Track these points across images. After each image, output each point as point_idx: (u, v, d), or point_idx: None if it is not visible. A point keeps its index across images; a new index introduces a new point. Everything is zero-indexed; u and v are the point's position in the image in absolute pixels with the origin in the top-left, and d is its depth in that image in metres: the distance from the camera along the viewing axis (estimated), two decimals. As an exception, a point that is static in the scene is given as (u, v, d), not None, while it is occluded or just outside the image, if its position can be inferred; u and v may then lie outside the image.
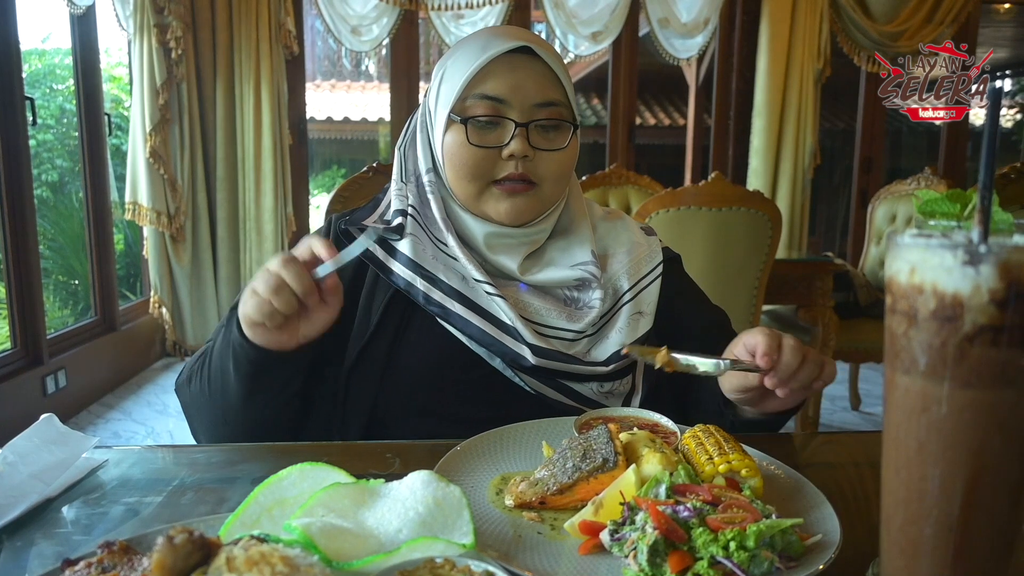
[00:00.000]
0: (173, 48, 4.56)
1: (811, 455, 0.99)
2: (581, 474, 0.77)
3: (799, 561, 0.65)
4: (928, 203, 0.71)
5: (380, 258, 1.13)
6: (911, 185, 3.99)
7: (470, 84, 1.08)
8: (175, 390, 1.13)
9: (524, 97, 1.08)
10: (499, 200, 1.11)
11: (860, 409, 4.18)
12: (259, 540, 0.57)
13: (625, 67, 5.27)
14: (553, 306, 1.13)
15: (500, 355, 1.08)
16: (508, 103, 1.08)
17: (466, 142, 1.09)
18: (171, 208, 4.74)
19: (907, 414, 0.51)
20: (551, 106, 1.10)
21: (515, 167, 1.09)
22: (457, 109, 1.09)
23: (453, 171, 1.12)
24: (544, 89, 1.10)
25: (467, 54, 1.10)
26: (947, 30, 5.09)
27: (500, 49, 1.08)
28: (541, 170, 1.11)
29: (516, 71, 1.09)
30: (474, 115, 1.09)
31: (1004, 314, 0.47)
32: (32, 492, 0.79)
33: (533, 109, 1.09)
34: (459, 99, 1.09)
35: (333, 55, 9.57)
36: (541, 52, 1.10)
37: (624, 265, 1.19)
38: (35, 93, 4.36)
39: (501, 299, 1.09)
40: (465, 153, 1.09)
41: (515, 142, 1.08)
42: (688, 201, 2.83)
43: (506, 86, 1.08)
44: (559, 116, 1.11)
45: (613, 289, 1.17)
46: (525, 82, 1.09)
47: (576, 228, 1.20)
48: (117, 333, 4.54)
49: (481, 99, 1.08)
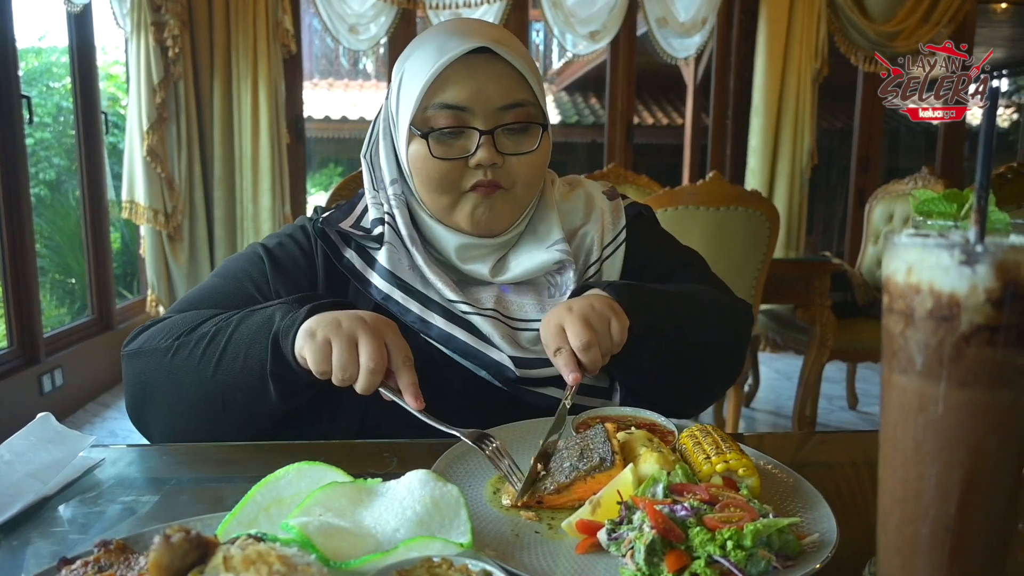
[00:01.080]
0: (170, 46, 4.55)
1: (808, 454, 0.99)
2: (578, 473, 0.77)
3: (796, 560, 0.65)
4: (925, 203, 0.71)
5: (359, 268, 1.11)
6: (908, 185, 3.99)
7: (428, 92, 1.03)
8: (125, 356, 1.04)
9: (487, 101, 1.03)
10: (472, 209, 1.07)
11: (857, 408, 4.19)
12: (256, 539, 0.57)
13: (623, 66, 5.27)
14: (531, 298, 1.12)
15: (485, 367, 1.06)
16: (470, 110, 1.03)
17: (430, 156, 1.04)
18: (168, 207, 4.73)
19: (904, 413, 0.51)
20: (517, 107, 1.04)
21: (484, 175, 1.05)
22: (418, 121, 1.05)
23: (421, 184, 1.08)
24: (508, 90, 1.04)
25: (423, 57, 1.04)
26: (944, 30, 5.10)
27: (456, 52, 1.01)
28: (512, 175, 1.07)
29: (476, 75, 1.02)
30: (436, 127, 1.04)
31: (1000, 314, 0.47)
32: (29, 491, 0.79)
33: (497, 113, 1.04)
34: (419, 109, 1.04)
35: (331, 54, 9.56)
36: (501, 51, 1.03)
37: (593, 236, 1.17)
38: (32, 91, 4.35)
39: (478, 317, 1.07)
40: (431, 166, 1.05)
41: (481, 151, 1.03)
42: (686, 201, 2.83)
43: (466, 92, 1.02)
44: (527, 117, 1.06)
45: (584, 262, 1.16)
46: (487, 85, 1.02)
47: (545, 220, 1.16)
48: (114, 332, 4.53)
49: (441, 109, 1.03)
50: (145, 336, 1.04)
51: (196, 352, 0.97)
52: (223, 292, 1.11)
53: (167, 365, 0.99)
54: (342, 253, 1.13)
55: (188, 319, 1.03)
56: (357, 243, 1.14)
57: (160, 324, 1.05)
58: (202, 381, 0.97)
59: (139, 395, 1.02)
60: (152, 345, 1.01)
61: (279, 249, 1.16)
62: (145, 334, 1.05)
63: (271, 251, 1.15)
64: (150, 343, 1.02)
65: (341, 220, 1.15)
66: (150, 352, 1.01)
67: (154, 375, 1.00)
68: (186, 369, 0.98)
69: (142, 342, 1.03)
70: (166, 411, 1.01)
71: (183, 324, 1.02)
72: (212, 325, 1.00)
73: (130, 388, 1.04)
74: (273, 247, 1.16)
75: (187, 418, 1.00)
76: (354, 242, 1.14)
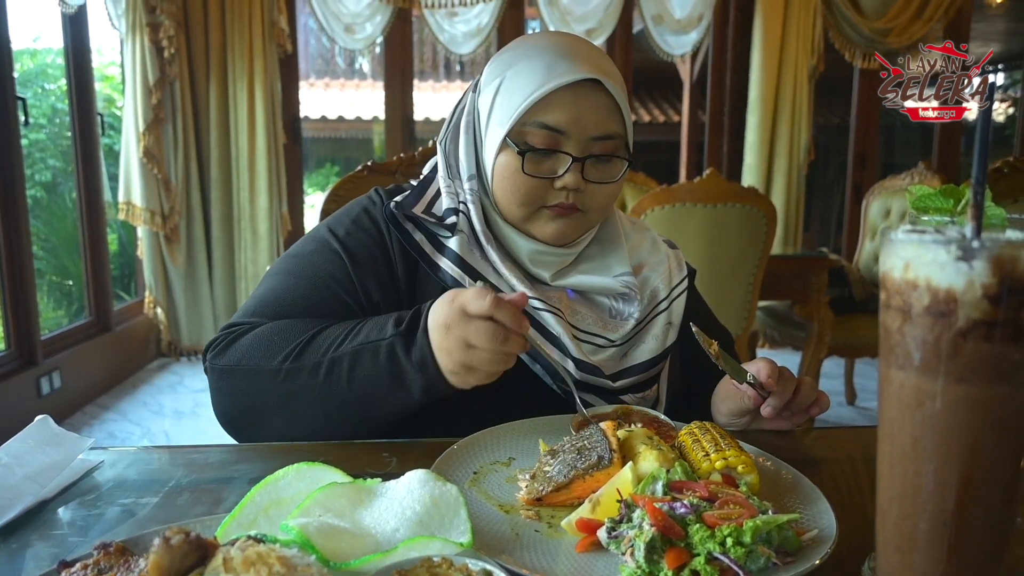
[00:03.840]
0: (166, 47, 4.54)
1: (807, 450, 0.99)
2: (577, 472, 0.77)
3: (796, 556, 0.65)
4: (921, 198, 0.71)
5: (428, 252, 1.11)
6: (905, 180, 4.00)
7: (531, 110, 1.05)
8: (218, 369, 1.01)
9: (583, 130, 1.05)
10: (546, 223, 1.10)
11: (856, 404, 4.19)
12: (256, 540, 0.57)
13: (619, 64, 5.26)
14: (593, 313, 1.14)
15: (544, 366, 1.07)
16: (567, 135, 1.05)
17: (520, 171, 1.06)
18: (165, 208, 4.72)
19: (902, 409, 0.52)
20: (608, 139, 1.07)
21: (566, 197, 1.07)
22: (514, 134, 1.07)
23: (503, 193, 1.10)
24: (604, 122, 1.07)
25: (529, 72, 1.06)
26: (938, 25, 5.10)
27: (566, 80, 1.03)
28: (589, 201, 1.10)
29: (580, 102, 1.05)
30: (531, 144, 1.06)
31: (997, 309, 0.47)
32: (27, 494, 0.78)
33: (590, 143, 1.06)
34: (517, 123, 1.06)
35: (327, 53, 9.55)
36: (607, 84, 1.06)
37: (660, 275, 1.21)
38: (27, 93, 4.34)
39: (549, 314, 1.09)
40: (519, 180, 1.07)
41: (569, 175, 1.06)
42: (683, 198, 2.83)
43: (567, 117, 1.05)
44: (614, 150, 1.09)
45: (650, 297, 1.18)
46: (586, 115, 1.05)
47: (611, 238, 1.20)
48: (112, 334, 4.53)
49: (540, 128, 1.05)
50: (239, 351, 1.01)
51: (315, 383, 0.97)
52: (310, 299, 1.07)
53: (279, 390, 0.98)
54: (411, 235, 1.12)
55: (286, 333, 1.01)
56: (427, 228, 1.13)
57: (253, 335, 1.02)
58: (328, 410, 0.98)
59: (245, 415, 1.02)
60: (254, 364, 0.99)
61: (352, 241, 1.12)
62: (236, 347, 1.01)
63: (346, 246, 1.11)
64: (249, 360, 0.99)
65: (413, 205, 1.14)
66: (255, 373, 0.99)
67: (265, 397, 0.99)
68: (307, 399, 0.98)
69: (238, 357, 1.00)
70: (282, 427, 1.01)
71: (283, 340, 1.00)
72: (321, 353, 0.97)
73: (230, 404, 1.02)
74: (345, 238, 1.12)
75: (306, 433, 1.00)
76: (424, 226, 1.13)
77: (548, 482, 0.78)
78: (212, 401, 1.04)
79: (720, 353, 0.95)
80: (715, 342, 0.96)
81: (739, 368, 0.96)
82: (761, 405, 0.97)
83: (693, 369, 1.21)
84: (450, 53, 5.03)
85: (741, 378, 0.95)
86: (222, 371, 1.01)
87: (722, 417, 1.06)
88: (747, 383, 0.95)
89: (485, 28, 4.93)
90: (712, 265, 2.85)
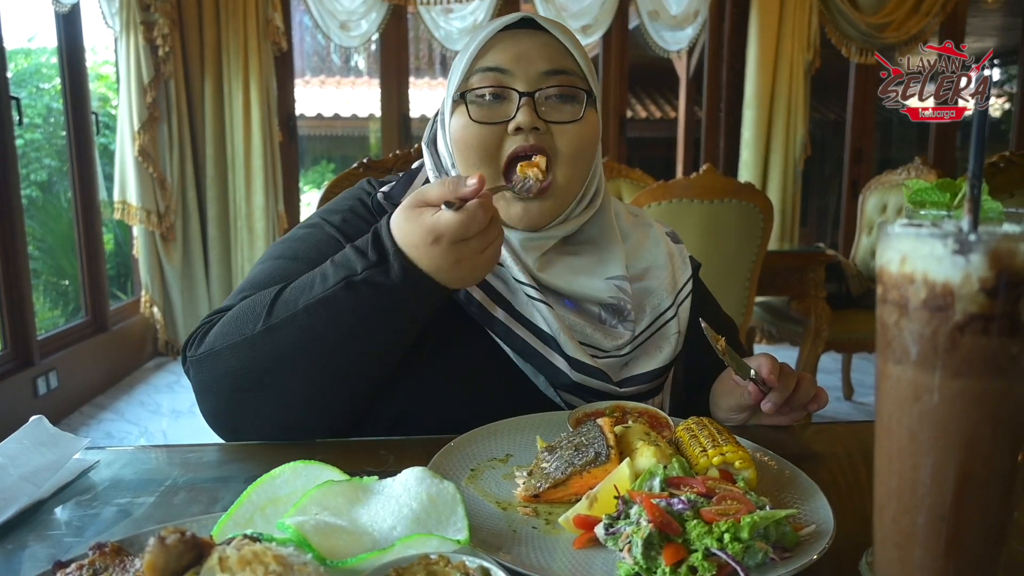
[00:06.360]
0: (160, 45, 4.53)
1: (804, 446, 0.99)
2: (574, 468, 0.77)
3: (793, 552, 0.65)
4: (918, 192, 0.71)
5: None
6: (901, 175, 4.00)
7: (473, 62, 1.03)
8: (196, 360, 0.94)
9: (530, 65, 1.01)
10: (511, 203, 1.03)
11: (853, 399, 4.20)
12: (252, 539, 0.57)
13: (615, 60, 5.26)
14: (587, 321, 1.09)
15: (541, 369, 1.03)
16: (511, 72, 1.01)
17: (469, 121, 1.01)
18: (161, 207, 4.71)
19: (899, 404, 0.51)
20: (561, 74, 1.02)
21: (524, 140, 1.00)
22: (460, 90, 1.04)
23: (461, 158, 1.04)
24: (551, 58, 1.02)
25: (473, 39, 1.06)
26: (933, 20, 5.10)
27: (502, 21, 1.03)
28: (557, 144, 1.02)
29: (520, 41, 1.02)
30: (475, 89, 1.02)
31: (994, 303, 0.47)
32: (23, 494, 0.78)
33: (540, 77, 1.01)
34: (463, 79, 1.04)
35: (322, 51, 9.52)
36: (545, 23, 1.04)
37: (663, 280, 1.15)
38: (21, 92, 4.33)
39: (543, 305, 1.03)
40: (469, 133, 1.01)
41: (521, 113, 0.99)
42: (680, 194, 2.83)
43: (507, 55, 1.01)
44: (571, 85, 1.02)
45: (654, 306, 1.13)
46: (529, 51, 1.01)
47: (606, 236, 1.13)
48: (108, 333, 4.52)
49: (483, 73, 1.02)
50: (212, 335, 0.94)
51: (295, 338, 0.89)
52: (298, 272, 0.97)
53: (258, 358, 0.90)
54: None
55: (252, 302, 0.94)
56: None
57: (224, 317, 0.96)
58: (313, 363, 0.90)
59: (230, 404, 0.93)
60: (228, 342, 0.91)
61: (348, 227, 1.09)
62: (210, 334, 0.95)
63: (342, 230, 1.08)
64: (223, 340, 0.92)
65: (401, 194, 1.10)
66: (230, 350, 0.91)
67: (245, 373, 0.91)
68: (289, 359, 0.89)
69: (211, 341, 0.93)
70: (271, 408, 0.93)
71: (251, 309, 0.93)
72: (292, 306, 0.90)
73: (213, 397, 0.94)
74: (341, 224, 1.09)
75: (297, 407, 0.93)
76: None
77: (545, 479, 0.77)
78: (197, 400, 0.97)
79: (727, 349, 0.94)
80: (722, 338, 0.95)
81: (744, 364, 0.96)
82: (762, 401, 0.96)
83: (692, 364, 1.20)
84: (446, 50, 5.02)
85: (745, 374, 0.95)
86: (199, 361, 0.94)
87: (721, 412, 1.05)
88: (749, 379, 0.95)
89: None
90: (709, 261, 2.83)
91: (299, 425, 0.96)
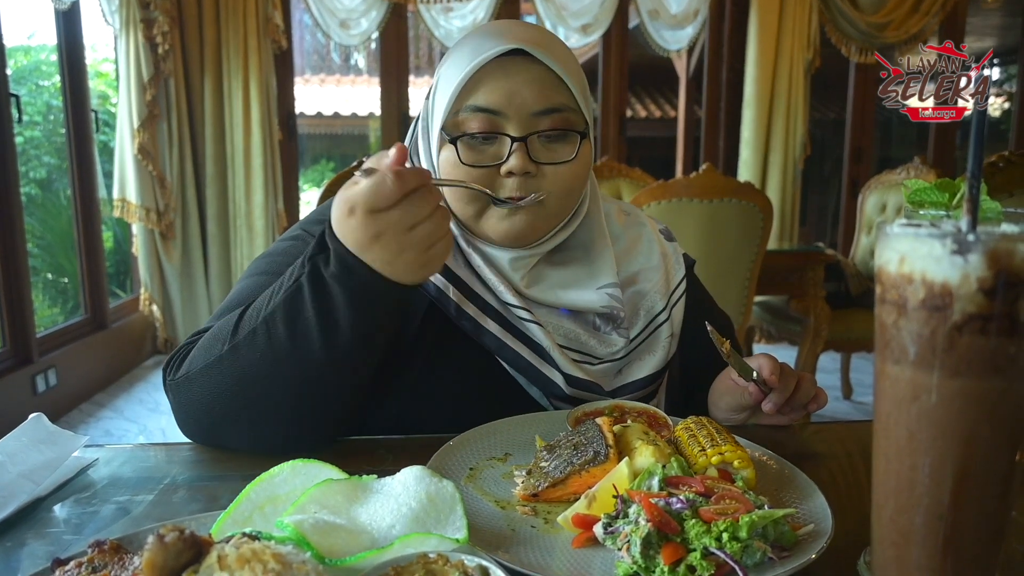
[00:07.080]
0: (160, 43, 4.53)
1: (803, 445, 0.99)
2: (573, 468, 0.77)
3: (792, 551, 0.65)
4: (917, 192, 0.71)
5: None
6: (901, 174, 4.01)
7: (460, 95, 0.98)
8: (174, 385, 0.93)
9: (522, 105, 0.96)
10: (499, 221, 1.00)
11: (851, 399, 4.21)
12: (251, 538, 0.57)
13: (615, 59, 5.26)
14: (582, 328, 1.08)
15: (535, 382, 1.02)
16: (503, 114, 0.97)
17: (459, 162, 0.98)
18: (160, 205, 4.71)
19: (897, 403, 0.52)
20: (554, 112, 0.98)
21: (517, 187, 0.98)
22: (449, 125, 0.99)
23: (450, 193, 1.01)
24: (544, 95, 0.97)
25: (458, 59, 0.99)
26: (933, 20, 5.10)
27: (490, 54, 0.96)
28: (549, 186, 0.99)
29: (511, 76, 0.97)
30: (466, 131, 0.98)
31: (992, 303, 0.47)
32: (22, 492, 0.78)
33: (532, 119, 0.97)
34: (450, 113, 0.99)
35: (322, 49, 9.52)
36: (537, 52, 0.96)
37: (656, 283, 1.14)
38: (20, 90, 4.32)
39: (535, 325, 1.03)
40: (459, 173, 0.98)
41: (513, 158, 0.97)
42: (679, 193, 2.84)
43: (498, 95, 0.96)
44: (564, 123, 0.99)
45: (646, 313, 1.12)
46: (521, 89, 0.96)
47: (595, 243, 1.11)
48: (107, 331, 4.52)
49: (473, 112, 0.97)
50: (189, 359, 0.93)
51: (257, 353, 0.87)
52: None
53: (227, 378, 0.88)
54: None
55: (225, 322, 0.93)
56: None
57: (201, 341, 0.95)
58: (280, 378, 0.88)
59: (212, 416, 0.91)
60: (202, 363, 0.90)
61: None
62: (188, 358, 0.94)
63: None
64: (197, 363, 0.91)
65: None
66: (202, 372, 0.90)
67: (217, 396, 0.89)
68: (255, 375, 0.87)
69: (187, 366, 0.92)
70: (247, 432, 0.91)
71: (222, 329, 0.92)
72: (253, 320, 0.89)
73: (195, 414, 0.92)
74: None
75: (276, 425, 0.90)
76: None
77: (544, 478, 0.78)
78: (177, 423, 0.95)
79: (731, 352, 0.94)
80: (727, 341, 0.95)
81: (746, 366, 0.96)
82: (762, 401, 0.97)
83: (690, 363, 1.20)
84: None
85: (748, 376, 0.95)
86: (177, 386, 0.93)
87: (721, 412, 1.05)
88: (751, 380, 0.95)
89: (481, 23, 4.92)
90: (708, 260, 2.85)
91: (281, 444, 0.91)
